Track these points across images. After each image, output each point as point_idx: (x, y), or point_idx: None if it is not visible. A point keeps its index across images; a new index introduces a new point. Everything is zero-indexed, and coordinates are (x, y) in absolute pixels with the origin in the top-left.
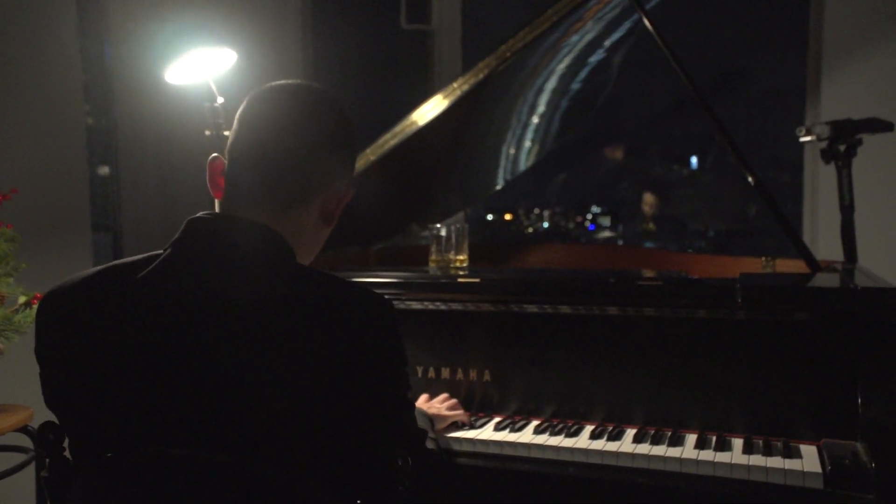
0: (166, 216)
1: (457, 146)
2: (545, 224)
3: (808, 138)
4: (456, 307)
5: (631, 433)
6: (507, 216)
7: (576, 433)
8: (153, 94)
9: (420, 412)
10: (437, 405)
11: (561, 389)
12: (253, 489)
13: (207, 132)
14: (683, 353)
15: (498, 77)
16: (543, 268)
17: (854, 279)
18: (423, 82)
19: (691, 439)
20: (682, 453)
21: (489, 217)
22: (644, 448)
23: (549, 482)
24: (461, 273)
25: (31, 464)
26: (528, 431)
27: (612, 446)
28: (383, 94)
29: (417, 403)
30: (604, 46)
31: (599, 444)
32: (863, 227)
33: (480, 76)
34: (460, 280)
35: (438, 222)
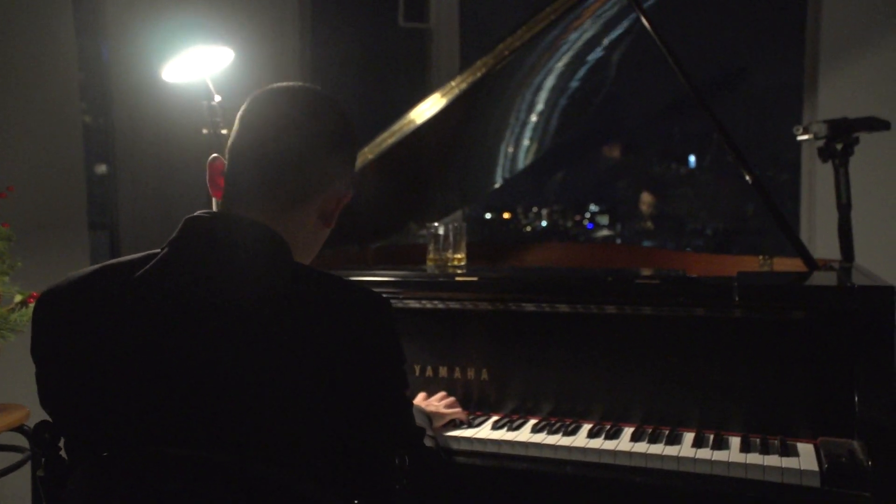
0: (164, 215)
1: (455, 145)
2: (543, 223)
3: (806, 137)
4: (454, 306)
5: (628, 432)
6: (506, 215)
7: (573, 432)
8: (150, 93)
9: (418, 410)
10: (435, 403)
11: (558, 388)
12: (251, 488)
13: (205, 130)
14: (681, 352)
15: (496, 75)
16: (541, 266)
17: (851, 278)
18: (421, 81)
19: (689, 438)
20: (680, 452)
21: (487, 216)
22: (641, 447)
23: (547, 481)
24: (459, 272)
25: (27, 463)
26: (526, 430)
27: (610, 445)
28: (381, 93)
29: (415, 401)
30: (602, 44)
31: (597, 443)
32: (860, 226)
33: (478, 74)
34: (458, 279)
35: (436, 221)
